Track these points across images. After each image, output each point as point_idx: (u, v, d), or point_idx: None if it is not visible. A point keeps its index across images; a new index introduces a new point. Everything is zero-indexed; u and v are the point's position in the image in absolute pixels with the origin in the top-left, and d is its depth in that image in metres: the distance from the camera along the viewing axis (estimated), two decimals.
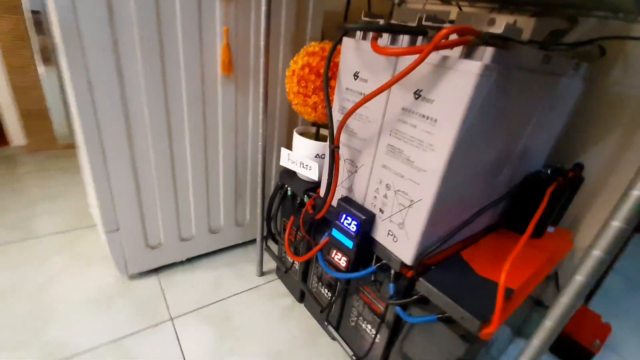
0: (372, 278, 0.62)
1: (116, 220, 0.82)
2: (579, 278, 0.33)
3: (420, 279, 0.53)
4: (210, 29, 0.74)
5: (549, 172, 0.66)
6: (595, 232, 0.65)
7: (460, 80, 0.42)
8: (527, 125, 0.58)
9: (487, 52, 0.42)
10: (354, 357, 0.71)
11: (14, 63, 1.35)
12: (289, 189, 0.82)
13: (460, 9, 0.83)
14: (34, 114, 1.50)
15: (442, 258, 0.59)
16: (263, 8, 0.67)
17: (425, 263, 0.57)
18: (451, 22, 0.57)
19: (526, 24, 0.46)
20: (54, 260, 0.96)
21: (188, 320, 0.82)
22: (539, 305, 0.83)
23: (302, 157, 0.73)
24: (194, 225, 0.95)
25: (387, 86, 0.47)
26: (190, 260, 1.01)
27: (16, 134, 1.54)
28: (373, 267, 0.60)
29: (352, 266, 0.62)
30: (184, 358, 0.73)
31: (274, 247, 0.99)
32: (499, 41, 0.43)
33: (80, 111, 0.67)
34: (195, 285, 0.93)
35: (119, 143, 0.74)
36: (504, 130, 0.53)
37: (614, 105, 0.69)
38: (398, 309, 0.56)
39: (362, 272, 0.61)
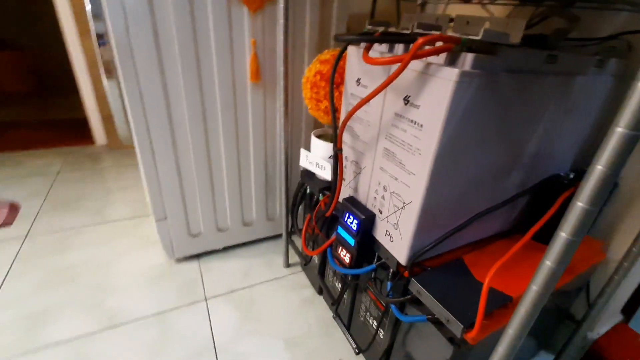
0: (373, 275, 0.65)
1: (164, 210, 0.95)
2: (534, 288, 0.33)
3: (412, 279, 0.55)
4: (239, 41, 0.82)
5: (570, 176, 0.62)
6: (630, 242, 0.59)
7: (440, 87, 0.44)
8: (536, 128, 0.56)
9: (467, 59, 0.42)
10: (356, 350, 0.74)
11: (97, 75, 1.61)
12: (308, 187, 0.87)
13: (485, 8, 0.80)
14: (112, 117, 1.76)
15: (445, 261, 0.60)
16: (281, 21, 0.73)
17: (423, 264, 0.58)
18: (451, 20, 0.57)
19: (517, 27, 0.45)
20: (120, 241, 1.14)
21: (219, 302, 0.92)
22: (569, 319, 0.77)
23: (318, 157, 0.78)
24: (229, 217, 1.05)
25: (375, 93, 0.50)
26: (226, 249, 1.12)
27: (99, 134, 1.83)
28: (373, 265, 0.63)
29: (355, 263, 0.66)
30: (213, 334, 0.83)
31: (299, 241, 1.06)
32: (485, 46, 0.44)
33: (134, 116, 0.80)
34: (228, 271, 1.03)
35: (164, 144, 0.86)
36: (503, 134, 0.52)
37: None
38: (392, 306, 0.59)
39: (363, 269, 0.64)
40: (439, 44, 0.44)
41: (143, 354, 0.78)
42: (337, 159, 0.63)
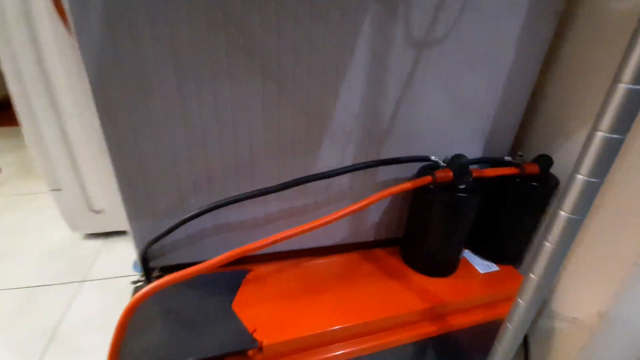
0: None
1: (57, 180, 0.89)
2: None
3: (139, 284, 0.38)
4: None
5: (441, 162, 0.38)
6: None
7: None
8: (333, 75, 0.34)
9: None
10: None
11: None
12: None
13: None
14: None
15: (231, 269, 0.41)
16: None
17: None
18: None
19: None
20: (54, 210, 1.12)
21: (95, 286, 0.83)
22: None
23: None
24: None
25: None
26: None
27: None
28: None
29: None
30: (61, 321, 0.74)
31: None
32: None
33: (7, 74, 0.75)
34: (127, 256, 0.94)
35: (43, 105, 0.79)
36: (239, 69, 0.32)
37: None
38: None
39: None
40: None
41: None
42: None
